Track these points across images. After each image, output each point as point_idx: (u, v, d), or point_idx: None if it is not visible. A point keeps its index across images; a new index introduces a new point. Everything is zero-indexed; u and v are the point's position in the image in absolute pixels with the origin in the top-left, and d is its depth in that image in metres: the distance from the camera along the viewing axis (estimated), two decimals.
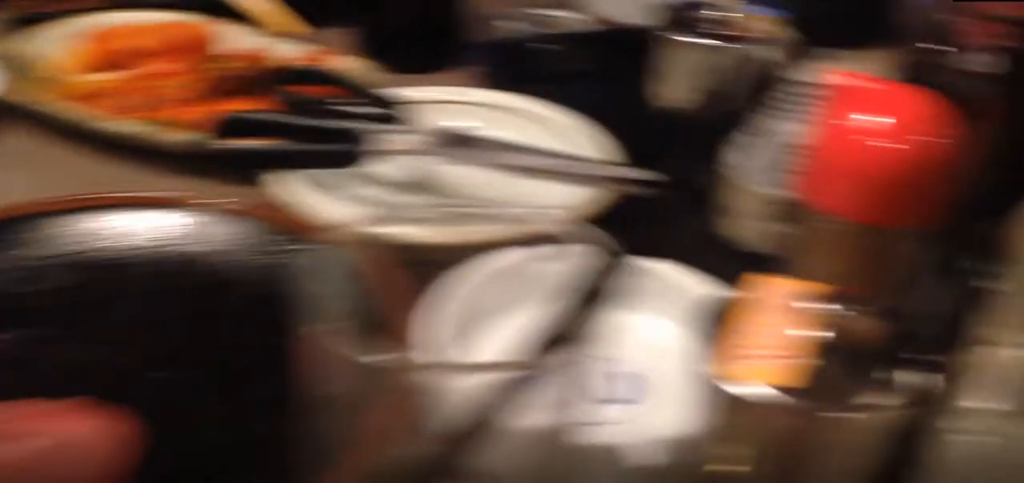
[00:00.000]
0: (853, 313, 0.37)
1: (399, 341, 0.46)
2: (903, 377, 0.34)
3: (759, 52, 0.61)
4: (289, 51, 0.86)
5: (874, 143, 0.48)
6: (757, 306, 0.37)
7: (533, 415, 0.34)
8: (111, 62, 0.85)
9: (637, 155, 0.69)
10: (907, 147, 0.48)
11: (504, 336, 0.53)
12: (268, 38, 0.89)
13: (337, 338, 0.31)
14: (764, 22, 0.67)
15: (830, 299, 0.37)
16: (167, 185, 0.71)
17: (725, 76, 0.66)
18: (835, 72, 0.56)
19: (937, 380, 0.33)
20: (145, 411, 0.48)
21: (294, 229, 0.58)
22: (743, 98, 0.65)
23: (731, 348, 0.36)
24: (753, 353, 0.35)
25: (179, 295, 0.56)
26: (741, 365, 0.34)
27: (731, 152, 0.63)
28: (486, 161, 0.62)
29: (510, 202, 0.67)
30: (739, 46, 0.66)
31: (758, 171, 0.59)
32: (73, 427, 0.47)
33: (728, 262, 0.61)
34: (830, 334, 0.36)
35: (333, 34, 0.94)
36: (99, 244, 0.58)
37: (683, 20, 0.68)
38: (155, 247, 0.58)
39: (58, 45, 0.86)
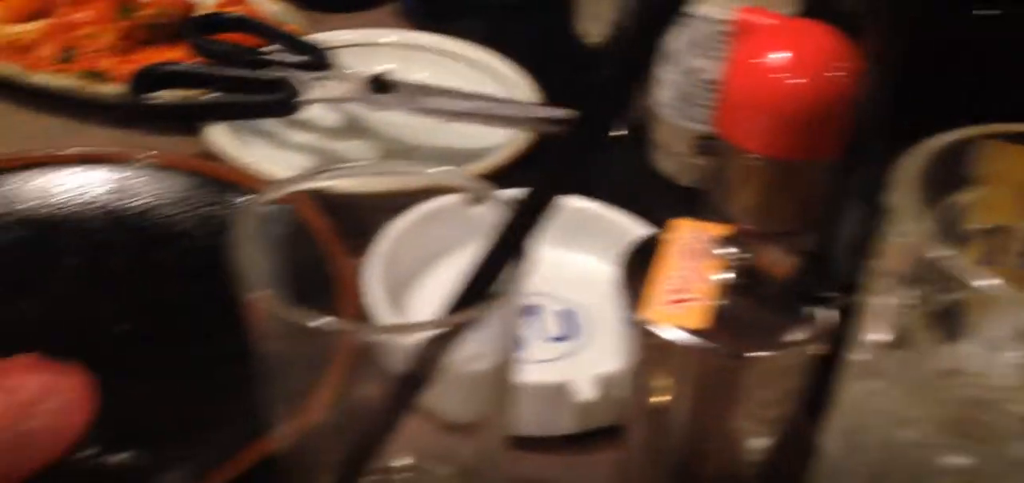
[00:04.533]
0: (768, 249, 0.40)
1: (344, 292, 0.48)
2: (817, 312, 0.38)
3: None
4: None
5: (779, 78, 0.51)
6: (676, 247, 0.40)
7: (471, 358, 0.36)
8: (30, 12, 0.84)
9: (559, 92, 0.71)
10: (811, 81, 0.51)
11: (440, 281, 0.55)
12: None
13: (275, 301, 0.33)
14: None
15: (745, 237, 0.40)
16: (99, 138, 0.72)
17: (632, 10, 0.68)
18: (741, 9, 0.59)
19: (848, 313, 0.36)
20: (96, 366, 0.50)
21: (233, 181, 0.59)
22: (650, 33, 0.68)
23: (651, 289, 0.39)
24: (672, 294, 0.38)
25: (125, 250, 0.58)
26: (660, 306, 0.38)
27: (655, 88, 0.65)
28: (413, 106, 0.64)
29: (439, 146, 0.69)
30: None
31: (679, 106, 0.62)
32: (31, 383, 0.49)
33: (659, 197, 0.64)
34: (746, 272, 0.39)
35: None
36: (44, 200, 0.59)
37: None
38: (99, 203, 0.59)
39: None
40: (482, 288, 0.32)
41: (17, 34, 0.82)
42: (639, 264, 0.40)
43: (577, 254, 0.58)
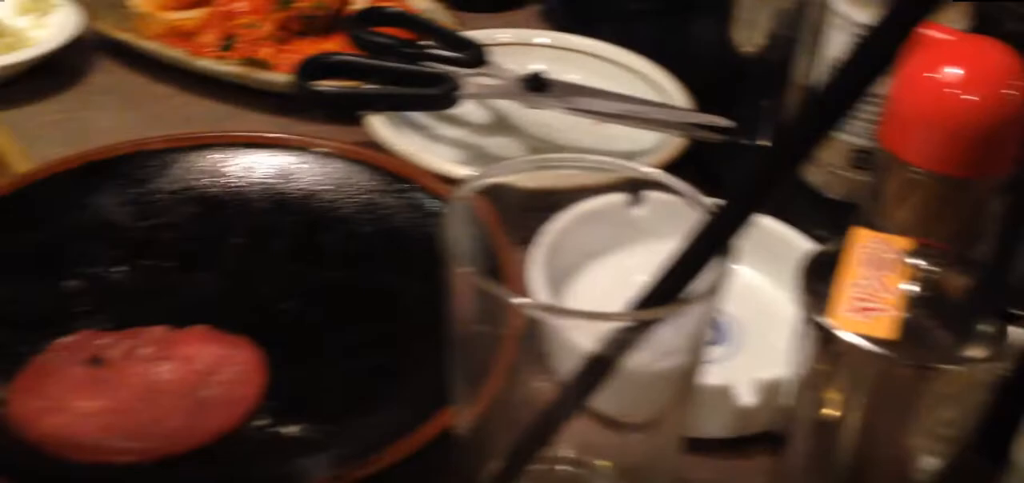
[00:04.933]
0: (945, 264, 0.40)
1: (509, 284, 0.49)
2: (1002, 329, 0.37)
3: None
4: None
5: (952, 93, 0.50)
6: (860, 256, 0.40)
7: (662, 355, 0.37)
8: (191, 0, 0.88)
9: (708, 99, 0.71)
10: (984, 97, 0.50)
11: (596, 279, 0.56)
12: None
13: (474, 277, 0.34)
14: None
15: (932, 251, 0.40)
16: (257, 123, 0.75)
17: (800, 22, 0.68)
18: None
19: None
20: (263, 341, 0.52)
21: (393, 170, 0.61)
22: (812, 42, 0.68)
23: (835, 296, 0.39)
24: (856, 302, 0.38)
25: (288, 232, 0.60)
26: (845, 314, 0.37)
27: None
28: (568, 106, 0.65)
29: (586, 147, 0.69)
30: None
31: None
32: (206, 353, 0.51)
33: (805, 209, 0.63)
34: (932, 286, 0.38)
35: None
36: (214, 181, 0.61)
37: None
38: (265, 185, 0.61)
39: None
40: (679, 286, 0.33)
41: (179, 20, 0.85)
42: (821, 271, 0.40)
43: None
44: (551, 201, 0.50)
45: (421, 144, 0.67)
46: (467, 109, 0.72)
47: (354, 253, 0.59)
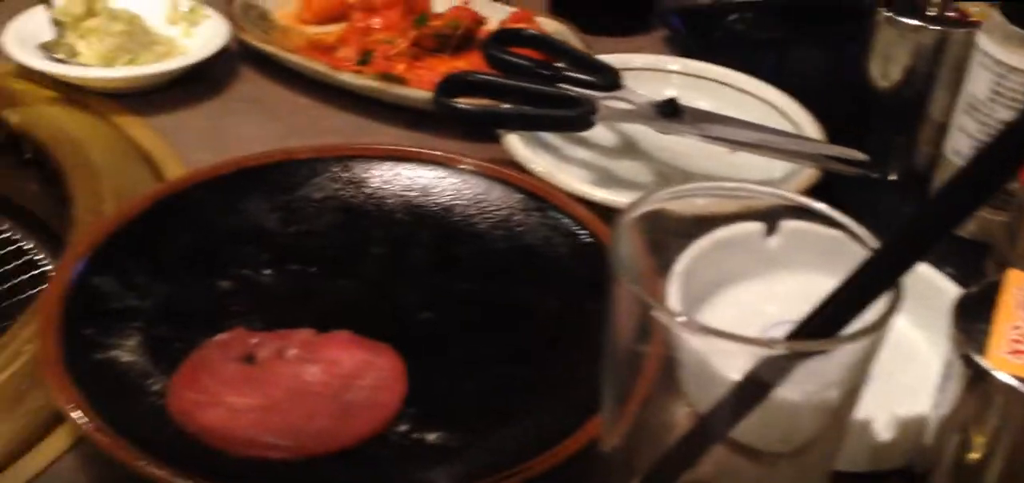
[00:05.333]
0: None
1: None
2: None
3: (976, 38, 0.63)
4: (489, 11, 0.90)
5: None
6: (1010, 298, 0.40)
7: (805, 389, 0.37)
8: (329, 15, 0.91)
9: (834, 131, 0.71)
10: None
11: (728, 308, 0.56)
12: None
13: (642, 296, 0.35)
14: (979, 6, 0.68)
15: None
16: (391, 136, 0.77)
17: (941, 58, 0.68)
18: None
19: None
20: (403, 349, 0.54)
21: (536, 190, 0.62)
22: (952, 80, 0.67)
23: (982, 338, 0.39)
24: (1009, 345, 0.38)
25: (426, 244, 0.62)
26: (1000, 355, 0.37)
27: (950, 136, 0.64)
28: (701, 133, 0.65)
29: (715, 175, 0.70)
30: (954, 28, 0.67)
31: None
32: (350, 358, 0.53)
33: (941, 248, 0.63)
34: None
35: None
36: (357, 191, 0.64)
37: None
38: (408, 197, 0.64)
39: None
40: (844, 319, 0.33)
41: (319, 35, 0.89)
42: (972, 310, 0.40)
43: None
44: (690, 228, 0.51)
45: (552, 164, 0.68)
46: (594, 132, 0.73)
47: (489, 268, 0.60)
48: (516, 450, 0.46)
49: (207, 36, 0.84)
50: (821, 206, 0.40)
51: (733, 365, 0.37)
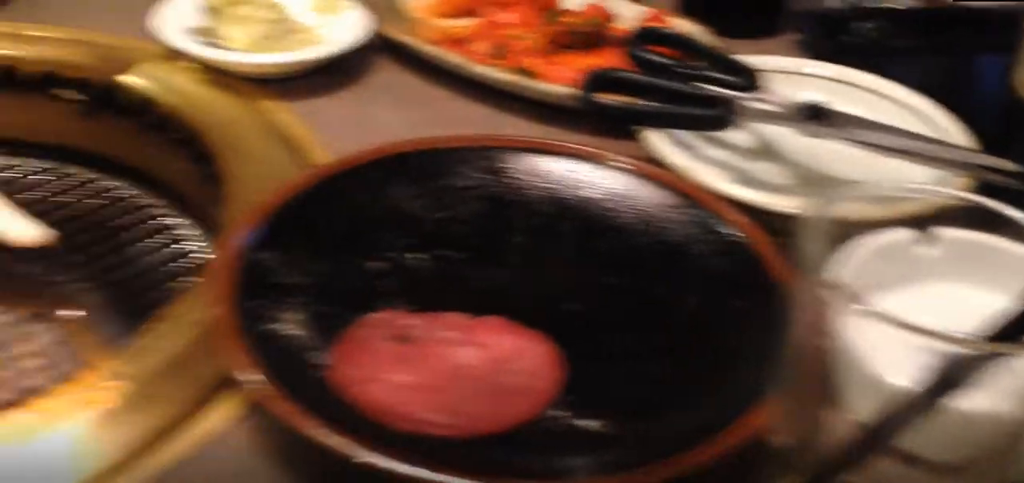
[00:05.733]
0: None
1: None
2: None
3: None
4: (621, 9, 0.91)
5: None
6: None
7: (976, 396, 0.37)
8: (461, 9, 0.92)
9: (990, 142, 0.70)
10: None
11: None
12: None
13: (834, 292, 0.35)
14: None
15: None
16: (528, 130, 0.78)
17: None
18: None
19: None
20: (555, 337, 0.55)
21: (680, 188, 0.63)
22: None
23: None
24: None
25: (569, 236, 0.63)
26: None
27: None
28: (846, 137, 0.65)
29: (855, 180, 0.69)
30: None
31: None
32: (504, 342, 0.54)
33: None
34: None
35: None
36: (498, 181, 0.65)
37: None
38: (550, 188, 0.65)
39: None
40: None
41: (453, 28, 0.90)
42: None
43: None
44: (845, 233, 0.51)
45: (689, 163, 0.68)
46: (728, 132, 0.73)
47: (631, 262, 0.61)
48: (673, 441, 0.47)
49: (346, 26, 0.86)
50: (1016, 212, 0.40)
51: (916, 362, 0.37)
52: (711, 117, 0.66)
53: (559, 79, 0.81)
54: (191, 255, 0.78)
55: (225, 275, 0.54)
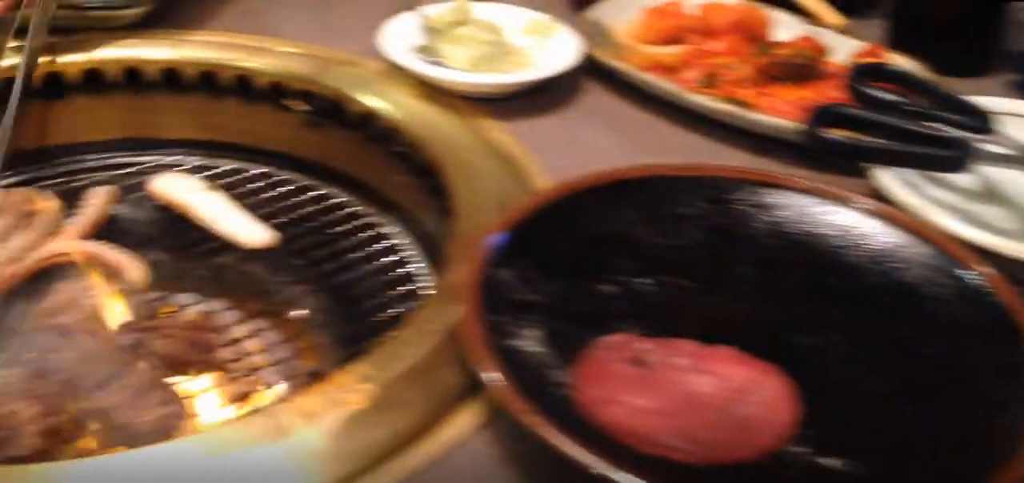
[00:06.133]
0: None
1: None
2: None
3: None
4: (834, 42, 0.90)
5: None
6: None
7: None
8: (667, 36, 0.93)
9: None
10: None
11: None
12: (812, 26, 0.93)
13: None
14: None
15: None
16: (739, 161, 0.78)
17: None
18: None
19: None
20: (792, 371, 0.55)
21: (913, 229, 0.62)
22: None
23: None
24: None
25: (795, 269, 0.62)
26: None
27: None
28: None
29: None
30: None
31: None
32: (737, 373, 0.55)
33: None
34: None
35: (863, 26, 0.97)
36: (723, 211, 0.65)
37: None
38: (776, 221, 0.65)
39: (626, 16, 0.95)
40: None
41: (661, 55, 0.91)
42: None
43: None
44: None
45: (918, 202, 0.67)
46: (966, 175, 0.72)
47: (865, 301, 0.60)
48: None
49: (558, 49, 0.88)
50: None
51: None
52: (946, 158, 0.65)
53: (770, 110, 0.81)
54: (407, 264, 0.80)
55: (471, 289, 0.56)
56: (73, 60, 0.86)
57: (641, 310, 0.59)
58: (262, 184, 0.88)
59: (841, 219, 0.64)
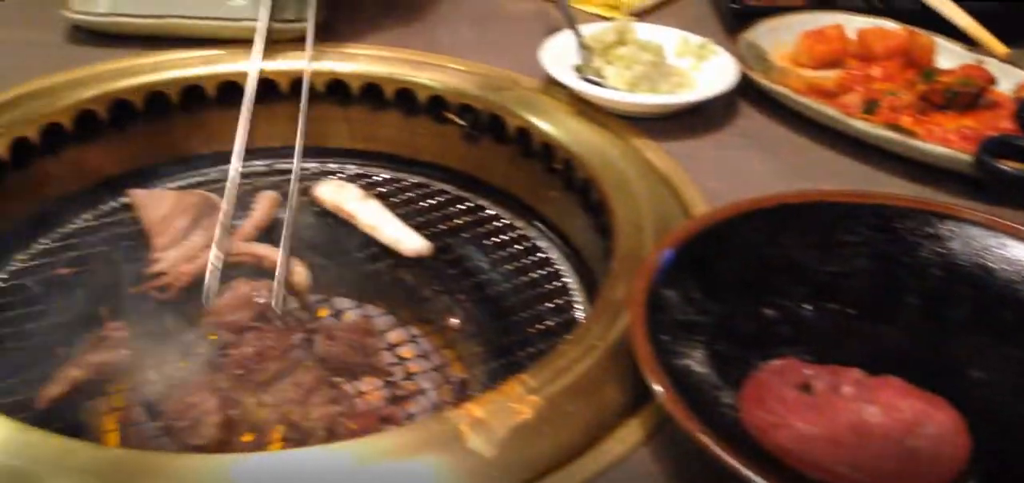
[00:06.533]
0: None
1: None
2: None
3: None
4: (999, 72, 0.88)
5: None
6: None
7: None
8: (826, 60, 0.92)
9: None
10: None
11: None
12: (977, 55, 0.91)
13: None
14: None
15: None
16: (899, 188, 0.77)
17: None
18: None
19: None
20: (961, 405, 0.54)
21: None
22: None
23: None
24: None
25: (964, 302, 0.61)
26: None
27: None
28: None
29: None
30: None
31: None
32: (907, 405, 0.54)
33: None
34: None
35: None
36: (889, 239, 0.64)
37: None
38: (943, 252, 0.63)
39: (783, 38, 0.94)
40: None
41: (818, 79, 0.90)
42: None
43: None
44: None
45: None
46: None
47: None
48: None
49: (714, 71, 0.88)
50: None
51: None
52: None
53: (933, 139, 0.80)
54: (558, 278, 0.81)
55: (638, 306, 0.56)
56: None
57: (804, 335, 0.59)
58: (417, 194, 0.91)
59: (1018, 253, 0.63)
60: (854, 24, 0.95)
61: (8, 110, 0.82)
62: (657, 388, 0.52)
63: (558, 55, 0.88)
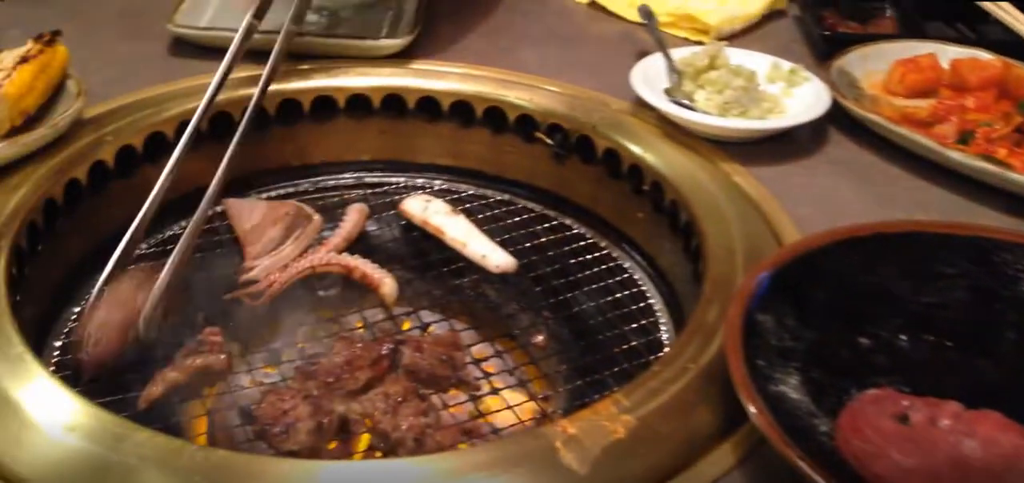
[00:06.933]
0: None
1: None
2: None
3: None
4: None
5: None
6: None
7: None
8: (920, 89, 0.91)
9: None
10: None
11: None
12: None
13: None
14: None
15: None
16: (993, 221, 0.76)
17: None
18: None
19: None
20: None
21: None
22: None
23: None
24: None
25: None
26: None
27: None
28: None
29: None
30: None
31: None
32: (1005, 440, 0.53)
33: None
34: None
35: None
36: (986, 272, 0.64)
37: None
38: None
39: (874, 67, 0.93)
40: None
41: (911, 108, 0.89)
42: None
43: None
44: None
45: None
46: None
47: None
48: None
49: (805, 97, 0.87)
50: None
51: None
52: None
53: None
54: (643, 299, 0.81)
55: (734, 330, 0.56)
56: (340, 86, 0.92)
57: (900, 366, 0.59)
58: (503, 210, 0.91)
59: None
60: (948, 54, 0.93)
61: (114, 119, 0.85)
62: (753, 411, 0.52)
63: (648, 78, 0.88)
